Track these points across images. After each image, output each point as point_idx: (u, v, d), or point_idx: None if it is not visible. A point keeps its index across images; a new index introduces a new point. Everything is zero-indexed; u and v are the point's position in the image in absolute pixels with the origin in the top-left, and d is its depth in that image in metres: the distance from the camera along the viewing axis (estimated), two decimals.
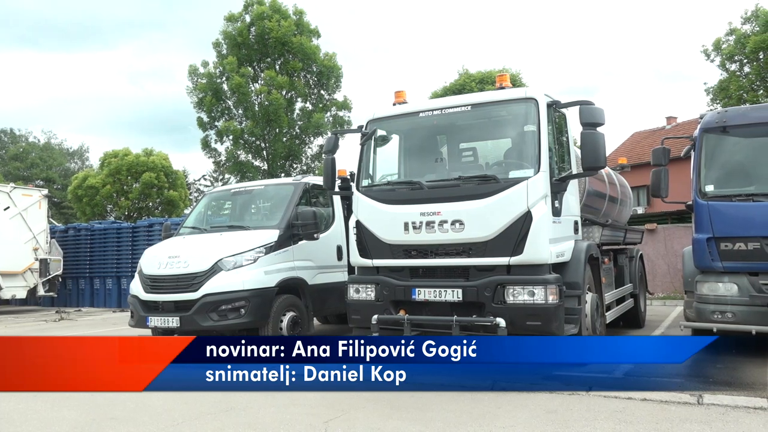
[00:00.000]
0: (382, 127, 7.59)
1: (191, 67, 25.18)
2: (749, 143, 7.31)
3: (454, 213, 6.58)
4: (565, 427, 4.87)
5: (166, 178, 28.41)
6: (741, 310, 6.82)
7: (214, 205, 10.74)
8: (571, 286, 6.61)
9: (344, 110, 26.01)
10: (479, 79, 25.14)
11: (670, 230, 15.81)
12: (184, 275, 8.33)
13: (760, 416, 5.00)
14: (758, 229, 6.78)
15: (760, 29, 20.84)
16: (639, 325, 10.27)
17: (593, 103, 6.54)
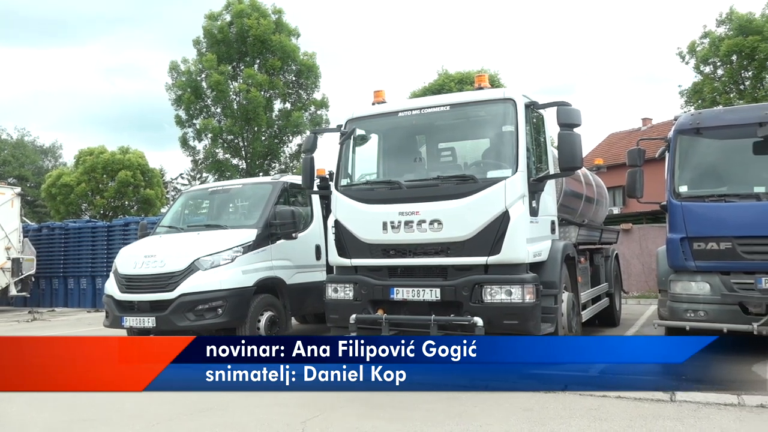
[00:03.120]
0: (361, 126, 7.59)
1: (172, 64, 24.96)
2: (722, 145, 7.44)
3: (432, 213, 6.60)
4: (541, 425, 4.91)
5: (142, 177, 28.08)
6: (713, 308, 6.94)
7: (192, 204, 10.65)
8: (547, 285, 6.67)
9: (323, 109, 25.97)
10: (458, 80, 25.26)
11: (645, 230, 16.03)
12: (160, 275, 8.24)
13: (731, 412, 5.09)
14: (730, 229, 6.91)
15: (733, 33, 21.23)
16: (614, 324, 10.40)
17: (570, 104, 6.61)
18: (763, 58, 20.18)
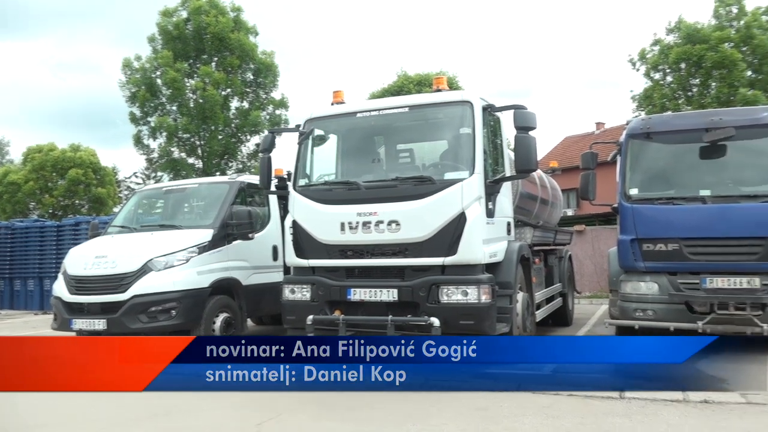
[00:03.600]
0: (319, 126, 7.56)
1: (125, 61, 24.33)
2: (671, 149, 7.67)
3: (390, 213, 6.62)
4: (495, 424, 4.99)
5: (94, 175, 27.44)
6: (661, 308, 7.16)
7: (146, 204, 10.42)
8: (503, 285, 6.76)
9: (282, 109, 25.70)
10: (417, 81, 25.36)
11: (598, 231, 16.41)
12: (111, 276, 8.03)
13: (677, 408, 5.27)
14: (677, 231, 7.14)
15: (681, 41, 21.90)
16: (567, 323, 10.61)
17: (526, 108, 6.72)
18: (709, 66, 20.89)
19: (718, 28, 21.35)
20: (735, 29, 21.50)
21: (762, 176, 7.33)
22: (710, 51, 20.78)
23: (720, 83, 20.98)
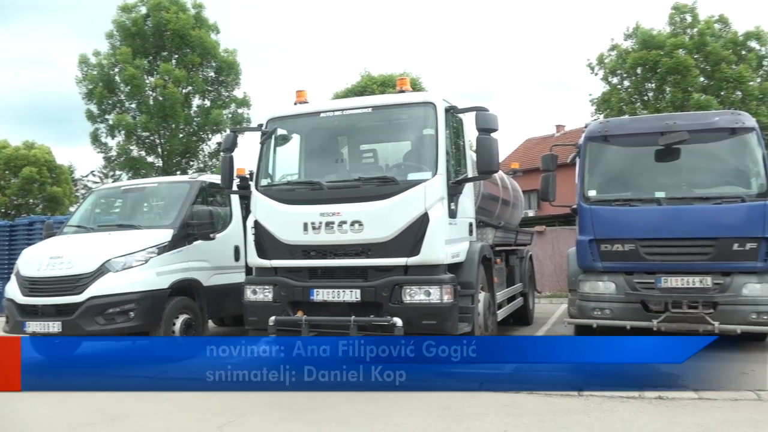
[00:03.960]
0: (282, 126, 7.51)
1: (81, 57, 23.71)
2: (628, 152, 7.86)
3: (353, 214, 6.62)
4: (458, 422, 5.02)
5: (49, 173, 26.76)
6: (618, 306, 7.33)
7: (103, 203, 10.17)
8: (465, 285, 6.82)
9: (243, 107, 25.43)
10: (381, 82, 25.40)
11: (557, 232, 16.71)
12: (67, 277, 7.82)
13: (633, 404, 5.41)
14: (634, 232, 7.32)
15: (638, 46, 22.49)
16: (528, 323, 10.77)
17: (488, 110, 6.80)
18: (664, 72, 21.49)
19: (673, 35, 21.99)
20: (689, 36, 22.16)
21: (714, 179, 7.57)
22: (665, 57, 21.38)
23: (674, 88, 21.60)
